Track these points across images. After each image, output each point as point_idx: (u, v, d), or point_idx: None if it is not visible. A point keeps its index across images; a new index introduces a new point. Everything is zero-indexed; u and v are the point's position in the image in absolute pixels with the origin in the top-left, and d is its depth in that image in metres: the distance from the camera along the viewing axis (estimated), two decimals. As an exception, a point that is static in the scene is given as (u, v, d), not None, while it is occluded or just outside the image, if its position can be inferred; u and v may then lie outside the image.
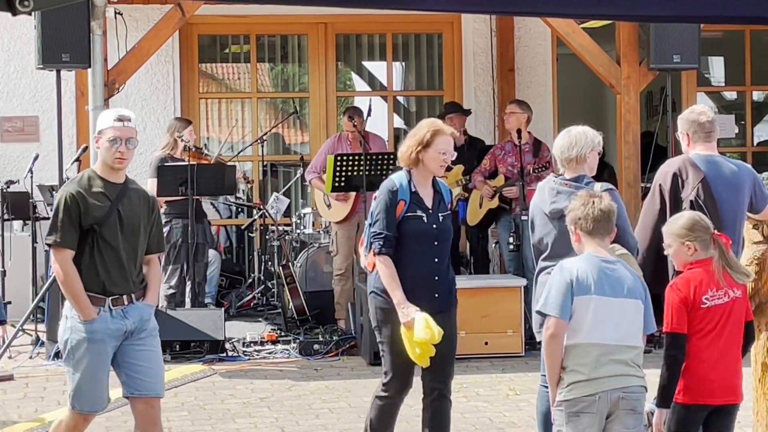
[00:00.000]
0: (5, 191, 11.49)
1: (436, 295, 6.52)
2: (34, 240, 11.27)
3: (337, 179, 10.92)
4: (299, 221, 12.09)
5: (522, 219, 10.43)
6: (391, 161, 11.00)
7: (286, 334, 10.81)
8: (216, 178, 11.33)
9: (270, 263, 12.07)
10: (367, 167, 10.79)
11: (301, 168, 12.48)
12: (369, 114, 11.47)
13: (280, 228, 12.05)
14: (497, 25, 13.39)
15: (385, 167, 10.92)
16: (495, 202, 11.19)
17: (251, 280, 12.52)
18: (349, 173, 10.89)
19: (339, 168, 10.87)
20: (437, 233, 6.52)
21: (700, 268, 5.61)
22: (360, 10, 11.74)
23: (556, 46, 13.44)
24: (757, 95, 15.30)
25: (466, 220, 11.73)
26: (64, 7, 9.39)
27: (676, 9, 4.10)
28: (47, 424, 7.31)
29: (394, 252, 6.43)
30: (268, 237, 12.20)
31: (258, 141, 12.77)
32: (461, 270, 12.01)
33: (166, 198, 11.10)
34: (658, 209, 6.92)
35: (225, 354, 10.22)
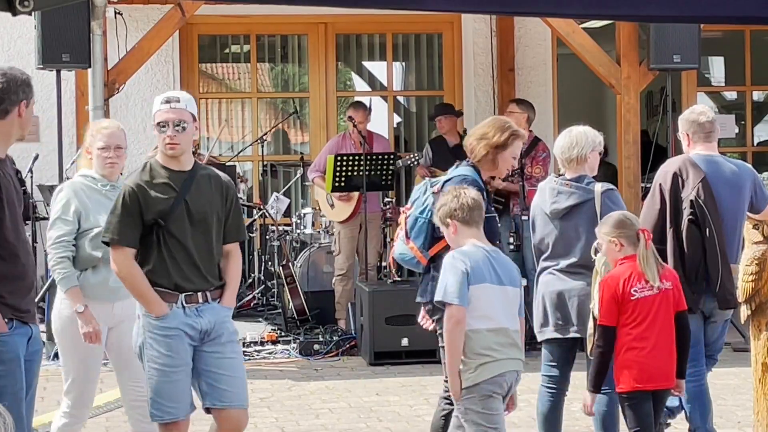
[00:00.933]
0: (5, 191, 11.48)
1: None
2: (34, 240, 11.26)
3: (337, 179, 10.92)
4: (299, 221, 12.09)
5: (522, 219, 10.42)
6: (391, 161, 11.01)
7: (286, 334, 10.81)
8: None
9: (270, 263, 12.07)
10: (367, 167, 10.80)
11: (301, 168, 12.49)
12: (369, 112, 11.48)
13: (280, 228, 12.05)
14: (497, 25, 13.39)
15: (386, 167, 10.92)
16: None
17: (251, 280, 12.52)
18: (350, 173, 10.89)
19: (339, 168, 10.86)
20: (498, 232, 6.40)
21: (628, 262, 5.94)
22: (360, 10, 11.74)
23: (556, 46, 13.44)
24: (757, 95, 15.30)
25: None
26: (64, 7, 9.40)
27: (676, 9, 4.10)
28: (47, 424, 7.29)
29: None
30: (268, 237, 12.20)
31: (258, 141, 12.78)
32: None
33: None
34: (658, 209, 6.92)
35: (225, 354, 10.21)
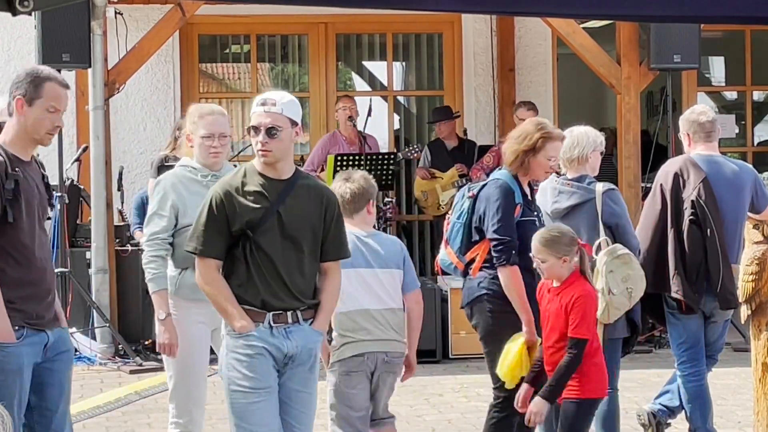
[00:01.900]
0: (5, 191, 11.47)
1: None
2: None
3: (338, 179, 10.91)
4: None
5: (522, 219, 10.42)
6: (392, 161, 11.01)
7: (286, 334, 10.79)
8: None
9: (270, 263, 12.06)
10: (368, 167, 10.80)
11: (301, 167, 12.49)
12: (369, 114, 11.48)
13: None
14: (497, 25, 13.38)
15: (386, 167, 10.92)
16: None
17: (251, 280, 12.52)
18: (350, 173, 10.88)
19: (339, 168, 10.86)
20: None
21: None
22: (360, 10, 11.73)
23: (556, 46, 13.44)
24: (758, 95, 15.29)
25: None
26: (64, 7, 9.39)
27: (676, 9, 4.09)
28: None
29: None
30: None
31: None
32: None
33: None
34: (659, 209, 6.93)
35: (225, 354, 10.21)
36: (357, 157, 10.88)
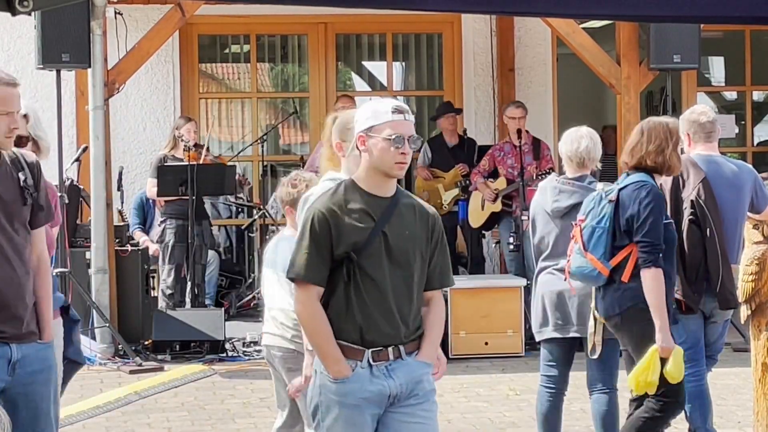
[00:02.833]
0: (5, 191, 11.45)
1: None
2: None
3: (338, 179, 10.91)
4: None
5: (522, 219, 10.43)
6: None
7: (286, 334, 10.79)
8: (216, 178, 11.35)
9: (270, 263, 12.06)
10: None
11: (301, 168, 12.49)
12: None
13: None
14: (497, 25, 13.39)
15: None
16: (498, 205, 11.20)
17: (251, 280, 12.51)
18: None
19: (339, 168, 10.86)
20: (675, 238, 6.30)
21: None
22: (360, 10, 11.73)
23: (556, 46, 13.44)
24: (757, 95, 15.30)
25: (467, 220, 11.73)
26: (64, 7, 9.39)
27: (676, 9, 4.09)
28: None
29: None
30: (268, 237, 12.20)
31: (258, 141, 12.79)
32: (460, 270, 12.01)
33: (165, 198, 11.14)
34: (658, 209, 6.92)
35: (225, 354, 10.22)
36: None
